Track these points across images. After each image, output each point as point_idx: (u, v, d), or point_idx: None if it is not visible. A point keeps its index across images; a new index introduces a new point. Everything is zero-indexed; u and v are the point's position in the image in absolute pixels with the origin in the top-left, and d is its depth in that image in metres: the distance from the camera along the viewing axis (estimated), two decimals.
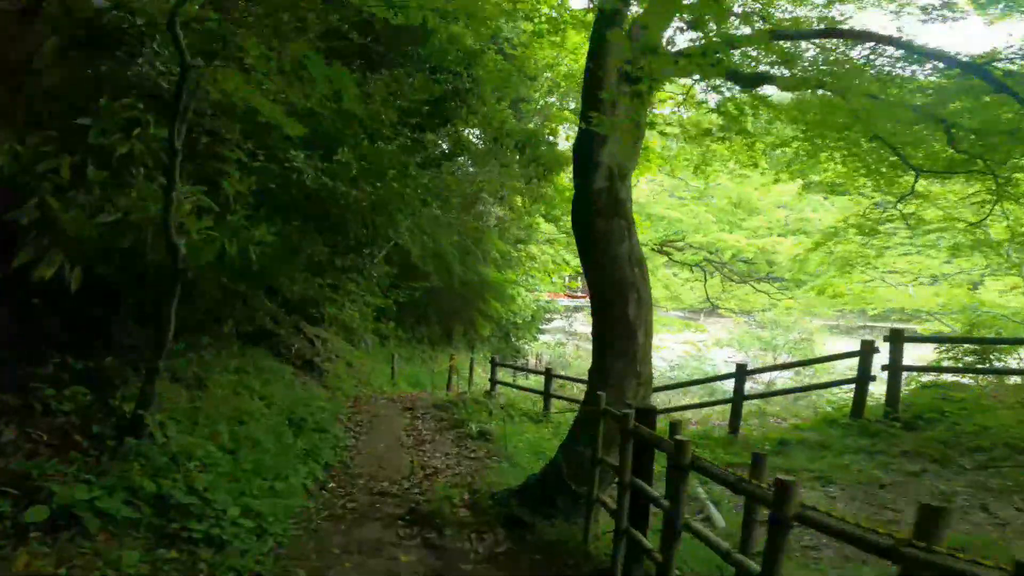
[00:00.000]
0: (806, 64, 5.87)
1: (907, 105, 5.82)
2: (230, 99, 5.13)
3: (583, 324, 33.32)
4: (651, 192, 31.76)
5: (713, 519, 5.34)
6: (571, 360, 25.64)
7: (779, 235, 27.80)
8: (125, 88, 4.84)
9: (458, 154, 9.32)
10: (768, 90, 6.47)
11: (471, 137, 9.33)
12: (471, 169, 10.47)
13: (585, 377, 5.92)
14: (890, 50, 5.80)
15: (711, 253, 27.71)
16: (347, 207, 6.78)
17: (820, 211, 30.41)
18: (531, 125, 12.06)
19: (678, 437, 3.23)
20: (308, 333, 9.90)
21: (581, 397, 13.60)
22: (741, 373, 8.69)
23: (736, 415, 8.46)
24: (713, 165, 15.00)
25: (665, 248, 30.12)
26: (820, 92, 5.79)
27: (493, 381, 12.33)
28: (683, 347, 31.65)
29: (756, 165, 14.48)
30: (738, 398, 8.60)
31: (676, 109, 13.94)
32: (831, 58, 5.93)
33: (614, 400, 4.64)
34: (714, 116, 8.60)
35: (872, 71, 6.01)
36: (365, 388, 10.29)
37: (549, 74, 17.25)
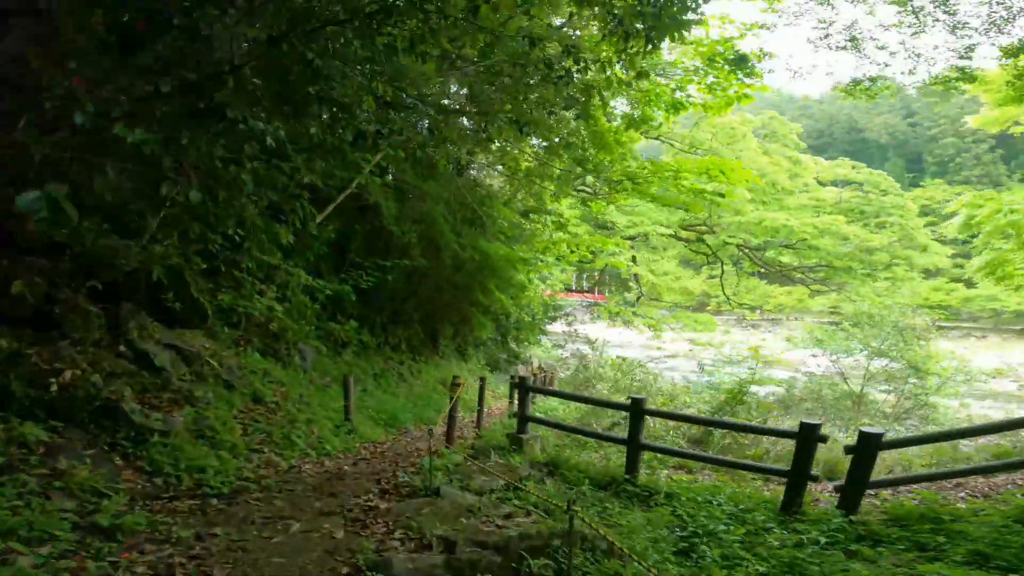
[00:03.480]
0: None
1: None
2: None
3: (583, 324, 28.32)
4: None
5: None
6: (563, 366, 20.32)
7: (828, 215, 23.37)
8: None
9: None
10: None
11: None
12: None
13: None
14: None
15: (746, 235, 23.08)
16: None
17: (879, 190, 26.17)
18: None
19: None
20: (148, 344, 4.56)
21: (685, 445, 6.94)
22: None
23: None
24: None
25: (685, 233, 25.41)
26: None
27: (523, 417, 7.23)
28: (681, 347, 27.08)
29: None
30: None
31: None
32: None
33: None
34: None
35: None
36: (275, 453, 4.87)
37: None
